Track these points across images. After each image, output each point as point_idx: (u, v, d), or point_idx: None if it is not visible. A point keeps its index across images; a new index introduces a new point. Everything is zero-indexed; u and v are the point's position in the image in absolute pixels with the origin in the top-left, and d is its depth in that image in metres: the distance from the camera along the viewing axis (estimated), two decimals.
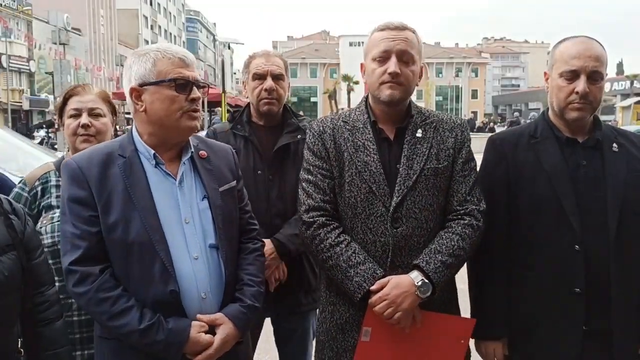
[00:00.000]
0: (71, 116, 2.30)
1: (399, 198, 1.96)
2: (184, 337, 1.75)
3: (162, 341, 1.73)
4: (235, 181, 2.01)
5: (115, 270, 1.79)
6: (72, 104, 2.31)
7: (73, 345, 2.09)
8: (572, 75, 2.00)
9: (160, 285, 1.77)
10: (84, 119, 2.27)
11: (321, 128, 2.09)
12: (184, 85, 1.81)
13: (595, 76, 2.00)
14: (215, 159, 1.99)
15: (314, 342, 2.79)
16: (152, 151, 1.85)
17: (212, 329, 1.82)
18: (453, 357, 2.02)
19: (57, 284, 2.00)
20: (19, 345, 1.82)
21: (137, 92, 1.84)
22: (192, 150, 1.92)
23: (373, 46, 2.02)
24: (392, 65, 1.97)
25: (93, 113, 2.30)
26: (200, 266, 1.84)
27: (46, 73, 37.61)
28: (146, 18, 71.80)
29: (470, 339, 2.15)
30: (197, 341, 1.77)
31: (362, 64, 2.12)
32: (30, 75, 41.59)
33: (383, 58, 1.99)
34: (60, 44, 31.18)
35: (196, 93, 1.83)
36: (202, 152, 1.95)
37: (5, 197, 1.95)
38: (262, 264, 2.05)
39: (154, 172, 1.85)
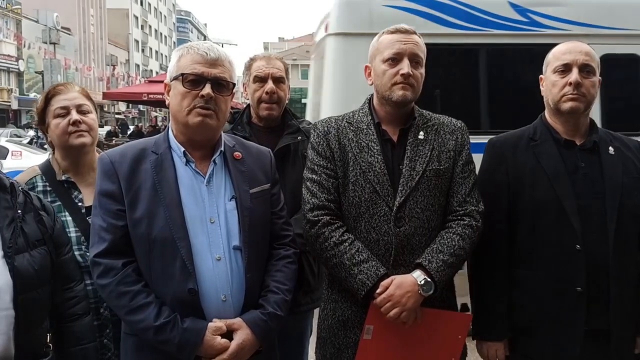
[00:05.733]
0: (58, 115, 2.22)
1: (402, 198, 2.00)
2: (198, 339, 1.73)
3: (176, 340, 1.72)
4: (269, 184, 1.98)
5: (139, 266, 1.80)
6: (57, 102, 2.23)
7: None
8: (565, 69, 2.09)
9: (180, 283, 1.75)
10: (75, 115, 2.21)
11: (326, 128, 2.12)
12: (195, 81, 1.80)
13: (586, 69, 2.07)
14: (251, 161, 1.96)
15: (310, 341, 2.83)
16: (182, 149, 1.86)
17: (231, 335, 1.79)
18: (451, 351, 2.06)
19: None
20: (48, 340, 1.85)
21: (168, 88, 1.89)
22: (222, 149, 1.90)
23: (384, 48, 2.05)
24: (405, 66, 2.01)
25: (81, 110, 2.24)
26: (222, 267, 1.81)
27: (35, 72, 37.34)
28: (136, 18, 71.44)
29: (472, 340, 2.19)
30: (212, 344, 1.74)
31: (367, 66, 2.16)
32: (19, 74, 41.27)
33: (395, 60, 2.03)
34: (50, 43, 30.97)
35: (207, 90, 1.78)
36: (237, 154, 1.93)
37: (36, 194, 1.98)
38: (292, 271, 1.98)
39: (184, 169, 1.85)
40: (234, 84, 1.88)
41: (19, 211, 1.80)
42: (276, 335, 2.05)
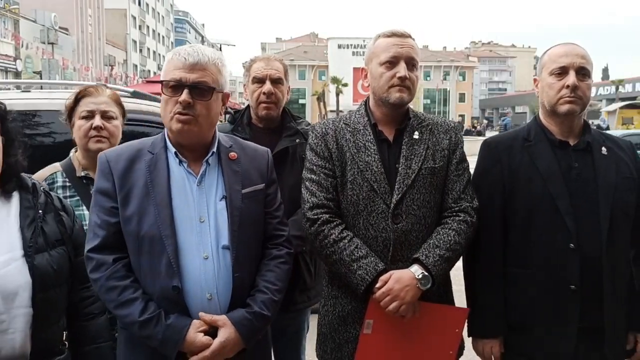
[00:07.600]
0: (83, 117, 2.28)
1: (399, 196, 2.05)
2: (181, 335, 1.76)
3: (159, 336, 1.76)
4: (263, 184, 1.99)
5: (131, 262, 1.85)
6: (85, 105, 2.29)
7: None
8: (562, 71, 2.13)
9: (165, 280, 1.79)
10: (97, 121, 2.27)
11: (324, 130, 2.17)
12: (174, 87, 1.81)
13: (582, 72, 2.12)
14: (246, 161, 1.98)
15: (308, 338, 2.87)
16: (174, 149, 1.89)
17: (216, 332, 1.81)
18: (448, 345, 2.10)
19: None
20: (64, 338, 1.88)
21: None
22: (215, 150, 1.92)
23: (381, 51, 2.11)
24: (402, 70, 2.08)
25: (106, 115, 2.30)
26: (209, 266, 1.83)
27: (33, 72, 37.26)
28: (134, 18, 71.31)
29: (468, 338, 2.23)
30: (194, 341, 1.77)
31: (363, 68, 2.21)
32: (17, 74, 41.12)
33: (392, 63, 2.09)
34: (48, 43, 30.93)
35: (183, 96, 1.79)
36: (232, 154, 1.96)
37: (57, 195, 2.02)
38: (284, 271, 1.97)
39: (178, 169, 1.89)
40: (214, 89, 1.84)
41: (40, 211, 1.83)
42: (269, 333, 2.08)
